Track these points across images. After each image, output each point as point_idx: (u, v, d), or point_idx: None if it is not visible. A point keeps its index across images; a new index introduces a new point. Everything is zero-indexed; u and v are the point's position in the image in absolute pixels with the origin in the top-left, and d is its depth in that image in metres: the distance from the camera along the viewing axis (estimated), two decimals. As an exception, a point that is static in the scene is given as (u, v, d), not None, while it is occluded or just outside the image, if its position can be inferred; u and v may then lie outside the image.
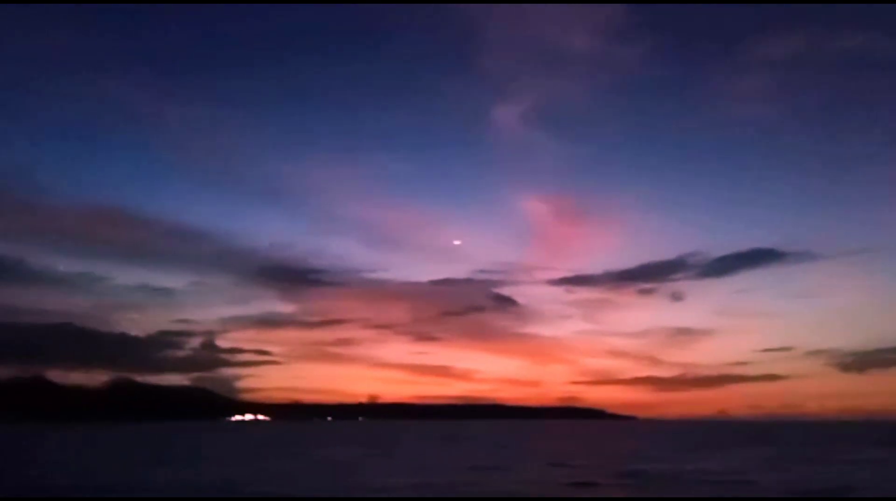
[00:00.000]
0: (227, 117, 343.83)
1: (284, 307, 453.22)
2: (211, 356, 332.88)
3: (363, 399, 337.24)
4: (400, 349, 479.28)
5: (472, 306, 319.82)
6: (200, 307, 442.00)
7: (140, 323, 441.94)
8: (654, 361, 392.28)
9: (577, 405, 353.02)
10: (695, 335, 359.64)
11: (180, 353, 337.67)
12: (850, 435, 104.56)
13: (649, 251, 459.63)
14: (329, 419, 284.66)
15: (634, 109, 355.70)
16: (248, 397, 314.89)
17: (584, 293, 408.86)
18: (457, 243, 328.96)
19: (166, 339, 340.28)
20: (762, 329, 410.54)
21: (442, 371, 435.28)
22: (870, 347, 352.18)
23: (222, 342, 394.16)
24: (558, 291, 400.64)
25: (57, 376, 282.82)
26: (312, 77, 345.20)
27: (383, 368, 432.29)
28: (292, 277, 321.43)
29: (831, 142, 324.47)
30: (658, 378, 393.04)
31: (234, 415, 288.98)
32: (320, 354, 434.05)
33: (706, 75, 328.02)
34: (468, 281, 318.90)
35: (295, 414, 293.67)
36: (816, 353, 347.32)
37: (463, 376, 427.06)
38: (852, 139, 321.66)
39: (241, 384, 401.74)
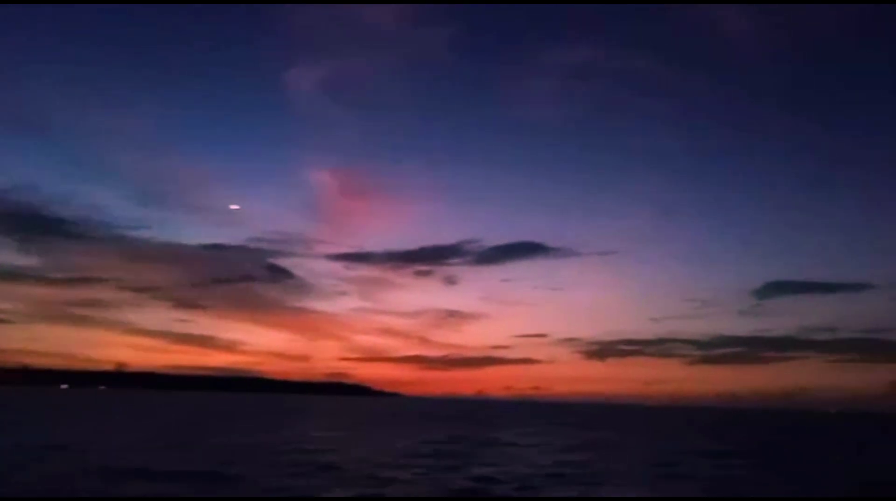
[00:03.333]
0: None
1: (22, 260, 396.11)
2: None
3: (109, 367, 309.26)
4: (158, 316, 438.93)
5: (244, 275, 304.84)
6: None
7: None
8: (424, 341, 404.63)
9: (345, 381, 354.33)
10: (463, 318, 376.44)
11: None
12: (551, 415, 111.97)
13: (429, 235, 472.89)
14: (64, 386, 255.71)
15: (431, 95, 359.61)
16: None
17: (362, 271, 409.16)
18: (234, 207, 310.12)
19: None
20: (522, 316, 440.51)
21: (204, 341, 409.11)
22: (610, 338, 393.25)
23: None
24: (337, 266, 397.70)
25: None
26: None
27: (136, 334, 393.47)
28: (35, 225, 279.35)
29: (600, 152, 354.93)
30: (425, 358, 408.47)
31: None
32: (62, 315, 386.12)
33: (502, 72, 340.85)
34: (242, 248, 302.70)
35: (21, 380, 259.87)
36: (567, 341, 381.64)
37: (227, 347, 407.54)
38: (617, 153, 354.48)
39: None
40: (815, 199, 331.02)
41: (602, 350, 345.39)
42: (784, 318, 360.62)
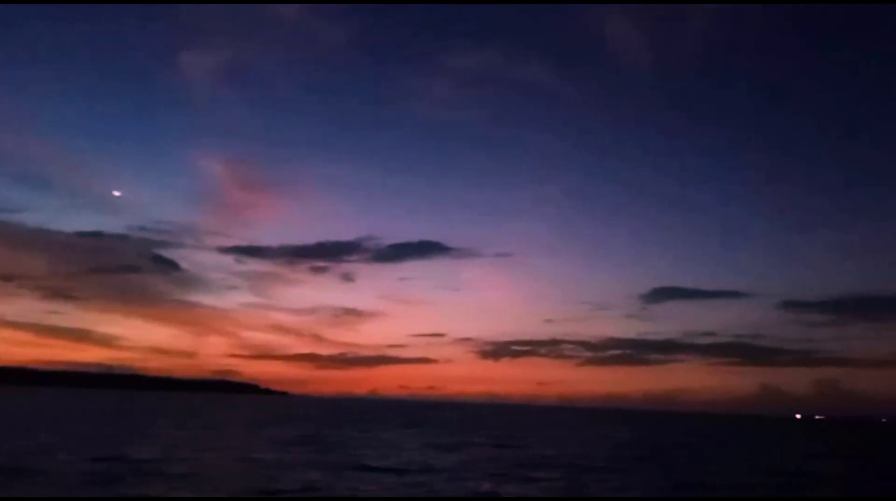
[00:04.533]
0: None
1: None
2: None
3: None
4: (26, 306, 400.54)
5: (126, 265, 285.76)
6: None
7: None
8: (318, 339, 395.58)
9: (232, 379, 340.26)
10: (360, 316, 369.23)
11: None
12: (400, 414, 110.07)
13: (327, 230, 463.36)
14: None
15: (332, 90, 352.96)
16: None
17: (254, 265, 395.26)
18: (116, 193, 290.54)
19: None
20: (420, 315, 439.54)
21: (77, 335, 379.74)
22: (505, 338, 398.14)
23: None
24: (227, 259, 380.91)
25: None
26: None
27: (0, 326, 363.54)
28: None
29: (499, 156, 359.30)
30: (318, 356, 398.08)
31: None
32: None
33: (403, 71, 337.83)
34: (124, 237, 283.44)
35: None
36: (463, 340, 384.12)
37: (103, 341, 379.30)
38: (515, 157, 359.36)
39: None
40: (698, 211, 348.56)
41: (497, 350, 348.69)
42: (668, 322, 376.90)
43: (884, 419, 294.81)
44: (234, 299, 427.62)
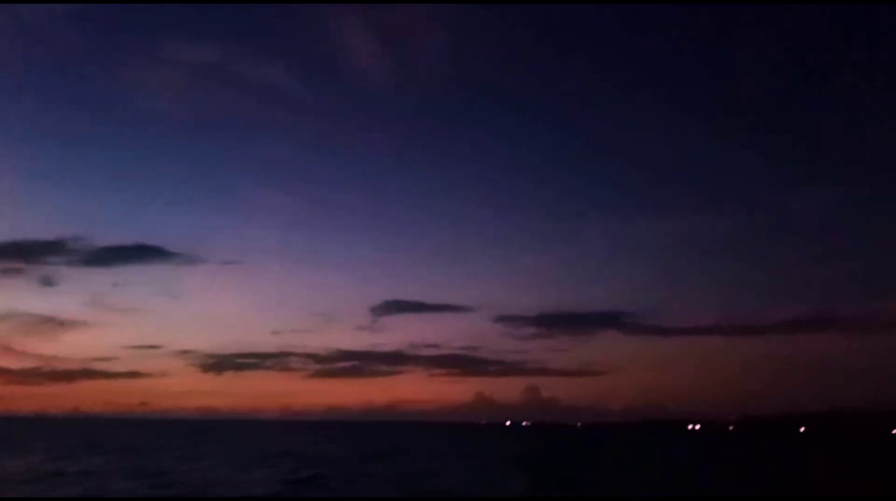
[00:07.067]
0: None
1: None
2: None
3: None
4: None
5: None
6: None
7: None
8: (8, 350, 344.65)
9: None
10: (61, 325, 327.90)
11: None
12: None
13: (23, 227, 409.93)
14: None
15: (36, 64, 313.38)
16: None
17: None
18: None
19: None
20: (134, 325, 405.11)
21: None
22: (229, 350, 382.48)
23: None
24: None
25: None
26: None
27: None
28: None
29: (224, 157, 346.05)
30: (9, 370, 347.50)
31: None
32: None
33: (120, 53, 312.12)
34: None
35: None
36: (183, 353, 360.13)
37: None
38: (243, 160, 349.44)
39: None
40: (427, 227, 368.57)
41: (219, 363, 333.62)
42: (396, 334, 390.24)
43: (579, 424, 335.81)
44: None
